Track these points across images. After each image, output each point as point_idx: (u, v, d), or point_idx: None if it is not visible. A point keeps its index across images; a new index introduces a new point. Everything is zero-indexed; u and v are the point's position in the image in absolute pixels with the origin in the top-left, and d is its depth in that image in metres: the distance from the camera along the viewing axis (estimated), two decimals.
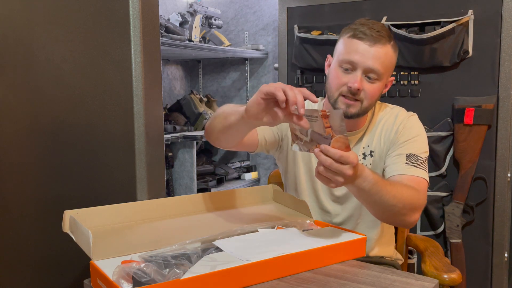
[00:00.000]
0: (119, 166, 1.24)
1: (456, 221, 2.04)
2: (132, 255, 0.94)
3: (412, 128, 1.31)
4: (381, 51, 1.22)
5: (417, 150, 1.27)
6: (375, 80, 1.24)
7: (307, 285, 0.90)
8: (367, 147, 1.35)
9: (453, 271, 1.22)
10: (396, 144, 1.30)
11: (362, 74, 1.23)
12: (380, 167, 1.34)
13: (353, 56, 1.22)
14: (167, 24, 2.37)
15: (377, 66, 1.22)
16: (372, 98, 1.25)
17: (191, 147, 2.44)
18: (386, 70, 1.25)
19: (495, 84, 1.96)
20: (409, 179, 1.21)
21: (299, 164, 1.39)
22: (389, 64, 1.26)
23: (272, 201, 1.35)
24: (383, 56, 1.23)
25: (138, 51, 1.19)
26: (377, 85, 1.25)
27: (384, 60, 1.23)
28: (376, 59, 1.22)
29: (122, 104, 1.22)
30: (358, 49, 1.22)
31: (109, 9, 1.21)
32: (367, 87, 1.23)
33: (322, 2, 2.28)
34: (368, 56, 1.21)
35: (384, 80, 1.27)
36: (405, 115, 1.35)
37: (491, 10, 1.94)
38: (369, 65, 1.22)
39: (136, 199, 1.23)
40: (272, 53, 2.94)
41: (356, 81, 1.21)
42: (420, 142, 1.29)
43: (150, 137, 1.24)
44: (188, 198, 1.24)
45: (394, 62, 1.29)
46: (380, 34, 1.22)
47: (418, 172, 1.23)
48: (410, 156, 1.25)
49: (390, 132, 1.33)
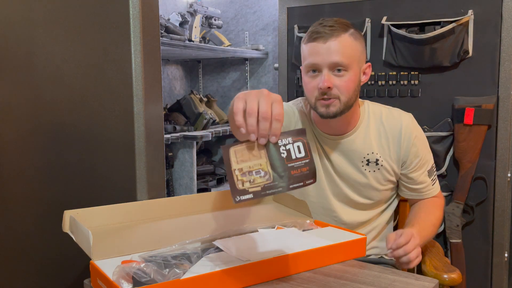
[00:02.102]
0: (119, 166, 1.24)
1: (456, 221, 2.04)
2: (132, 255, 0.93)
3: (422, 139, 1.37)
4: (337, 43, 1.22)
5: (431, 159, 1.40)
6: (344, 72, 1.23)
7: (307, 285, 0.90)
8: (372, 154, 1.34)
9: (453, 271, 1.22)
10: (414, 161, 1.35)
11: (328, 71, 1.23)
12: (388, 177, 1.36)
13: (313, 59, 1.24)
14: (167, 24, 2.37)
15: (338, 59, 1.22)
16: (348, 91, 1.24)
17: (191, 147, 2.44)
18: (350, 59, 1.24)
19: (495, 84, 1.96)
20: (437, 195, 1.42)
21: None
22: (352, 52, 1.24)
23: (272, 201, 1.35)
24: (341, 47, 1.22)
25: (138, 51, 1.19)
26: (348, 77, 1.24)
27: (344, 51, 1.22)
28: (335, 53, 1.22)
29: (122, 104, 1.22)
30: (315, 50, 1.23)
31: (109, 9, 1.21)
32: (338, 82, 1.23)
33: (322, 2, 2.28)
34: (326, 53, 1.22)
35: (355, 69, 1.26)
36: (411, 124, 1.35)
37: (491, 10, 1.94)
38: (330, 60, 1.22)
39: (136, 199, 1.23)
40: (272, 53, 2.94)
41: (324, 81, 1.22)
42: (429, 148, 1.40)
43: (150, 137, 1.23)
44: (188, 198, 1.24)
45: (359, 49, 1.27)
46: (333, 28, 1.23)
47: (437, 186, 1.42)
48: (430, 172, 1.39)
49: (398, 143, 1.33)
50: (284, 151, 0.84)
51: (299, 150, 0.85)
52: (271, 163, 0.83)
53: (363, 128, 1.35)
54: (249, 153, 0.83)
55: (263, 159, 0.83)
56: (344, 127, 1.33)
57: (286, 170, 0.83)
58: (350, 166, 1.34)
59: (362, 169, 1.34)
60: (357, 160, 1.34)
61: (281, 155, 0.84)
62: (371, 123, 1.35)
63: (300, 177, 0.84)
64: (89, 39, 1.24)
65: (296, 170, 0.84)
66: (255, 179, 0.82)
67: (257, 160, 0.83)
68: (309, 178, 0.84)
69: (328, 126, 1.34)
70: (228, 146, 0.83)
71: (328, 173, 1.36)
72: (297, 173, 0.84)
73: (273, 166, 0.83)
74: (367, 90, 2.20)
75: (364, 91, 2.21)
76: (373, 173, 1.34)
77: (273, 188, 0.82)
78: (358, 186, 1.35)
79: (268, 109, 0.81)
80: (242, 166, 0.82)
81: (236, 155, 0.83)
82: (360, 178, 1.34)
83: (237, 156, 0.83)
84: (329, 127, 1.35)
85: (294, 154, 0.84)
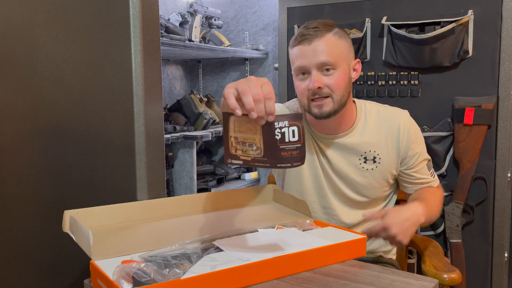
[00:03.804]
0: (119, 166, 1.24)
1: (456, 221, 2.04)
2: (132, 255, 0.94)
3: (420, 136, 1.39)
4: (322, 43, 1.24)
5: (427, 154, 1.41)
6: (332, 71, 1.25)
7: (307, 285, 0.90)
8: (369, 152, 1.34)
9: (453, 271, 1.22)
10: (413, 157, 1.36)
11: (317, 72, 1.24)
12: (387, 175, 1.36)
13: (300, 61, 1.26)
14: (167, 24, 2.37)
15: (324, 58, 1.23)
16: (339, 89, 1.26)
17: (191, 147, 2.44)
18: (337, 57, 1.25)
19: (495, 84, 1.96)
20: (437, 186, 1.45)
21: None
22: (338, 51, 1.26)
23: (272, 201, 1.35)
24: (326, 47, 1.24)
25: (138, 51, 1.19)
26: (338, 75, 1.25)
27: (330, 50, 1.24)
28: (320, 52, 1.23)
29: (122, 104, 1.22)
30: (302, 52, 1.25)
31: (109, 9, 1.21)
32: (328, 81, 1.25)
33: (322, 2, 2.28)
34: (312, 54, 1.24)
35: (344, 67, 1.27)
36: (408, 121, 1.37)
37: (491, 10, 1.94)
38: (316, 61, 1.23)
39: (136, 199, 1.23)
40: (272, 53, 2.94)
41: (314, 81, 1.23)
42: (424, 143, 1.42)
43: (150, 137, 1.23)
44: (188, 198, 1.24)
45: (345, 46, 1.29)
46: (316, 29, 1.25)
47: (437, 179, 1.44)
48: (429, 165, 1.41)
49: (397, 140, 1.34)
50: (279, 133, 0.87)
51: (293, 134, 0.88)
52: (264, 141, 0.87)
53: (360, 127, 1.35)
54: (246, 126, 0.88)
55: (257, 135, 0.87)
56: (339, 126, 1.34)
57: (277, 150, 0.87)
58: (348, 165, 1.35)
59: (360, 167, 1.34)
60: (354, 158, 1.34)
61: (275, 137, 0.87)
62: (368, 121, 1.35)
63: (289, 159, 0.87)
64: (89, 39, 1.24)
65: (286, 152, 0.87)
66: (247, 150, 0.87)
67: (252, 134, 0.87)
68: (297, 161, 0.87)
69: (324, 126, 1.35)
70: (229, 114, 0.87)
71: (326, 172, 1.37)
72: (287, 154, 0.87)
73: (265, 143, 0.87)
74: (367, 90, 2.20)
75: (364, 91, 2.21)
76: (371, 171, 1.34)
77: (262, 162, 0.87)
78: (356, 184, 1.35)
79: (259, 91, 0.85)
80: (238, 135, 0.88)
81: (234, 124, 0.88)
82: (358, 176, 1.35)
83: (235, 125, 0.88)
84: (324, 128, 1.35)
85: (288, 137, 0.88)
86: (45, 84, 1.31)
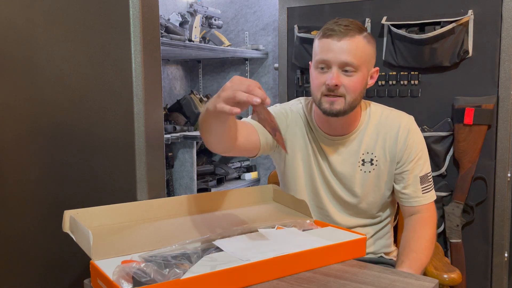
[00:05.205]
0: (119, 166, 1.24)
1: (456, 221, 2.04)
2: (132, 255, 0.94)
3: (420, 143, 1.35)
4: (351, 43, 1.23)
5: (428, 168, 1.35)
6: (352, 73, 1.24)
7: (307, 285, 0.90)
8: (367, 154, 1.34)
9: (453, 271, 1.22)
10: (406, 161, 1.33)
11: (338, 69, 1.24)
12: (383, 178, 1.35)
13: (325, 55, 1.24)
14: (167, 24, 2.37)
15: (350, 59, 1.23)
16: (354, 91, 1.25)
17: (191, 147, 2.44)
18: (361, 61, 1.25)
19: (495, 84, 1.96)
20: (427, 208, 1.33)
21: (298, 163, 1.39)
22: (363, 54, 1.25)
23: (272, 201, 1.35)
24: (354, 47, 1.23)
25: (138, 51, 1.19)
26: (356, 78, 1.25)
27: (356, 52, 1.23)
28: (347, 52, 1.22)
29: (122, 104, 1.22)
30: (328, 46, 1.24)
31: (109, 9, 1.21)
32: (346, 81, 1.24)
33: (322, 2, 2.28)
34: (339, 51, 1.23)
35: (364, 71, 1.27)
36: (409, 125, 1.34)
37: (491, 10, 1.94)
38: (341, 59, 1.23)
39: (136, 199, 1.23)
40: (272, 53, 2.94)
41: (332, 78, 1.23)
42: (427, 155, 1.36)
43: (150, 137, 1.24)
44: (188, 198, 1.24)
45: (370, 52, 1.29)
46: (348, 28, 1.24)
47: (431, 196, 1.34)
48: (423, 178, 1.33)
49: (394, 143, 1.33)
50: None
51: None
52: None
53: (362, 129, 1.35)
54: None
55: None
56: (345, 128, 1.34)
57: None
58: (347, 166, 1.35)
59: (358, 169, 1.34)
60: (354, 160, 1.34)
61: None
62: (370, 124, 1.35)
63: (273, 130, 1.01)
64: (89, 39, 1.24)
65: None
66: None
67: None
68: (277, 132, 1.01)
69: (329, 126, 1.34)
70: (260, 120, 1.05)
71: (323, 173, 1.36)
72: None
73: None
74: (367, 90, 2.20)
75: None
76: (368, 173, 1.34)
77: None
78: (352, 186, 1.35)
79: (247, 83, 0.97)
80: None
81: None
82: (356, 178, 1.34)
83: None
84: (330, 127, 1.35)
85: None
86: (45, 84, 1.31)
